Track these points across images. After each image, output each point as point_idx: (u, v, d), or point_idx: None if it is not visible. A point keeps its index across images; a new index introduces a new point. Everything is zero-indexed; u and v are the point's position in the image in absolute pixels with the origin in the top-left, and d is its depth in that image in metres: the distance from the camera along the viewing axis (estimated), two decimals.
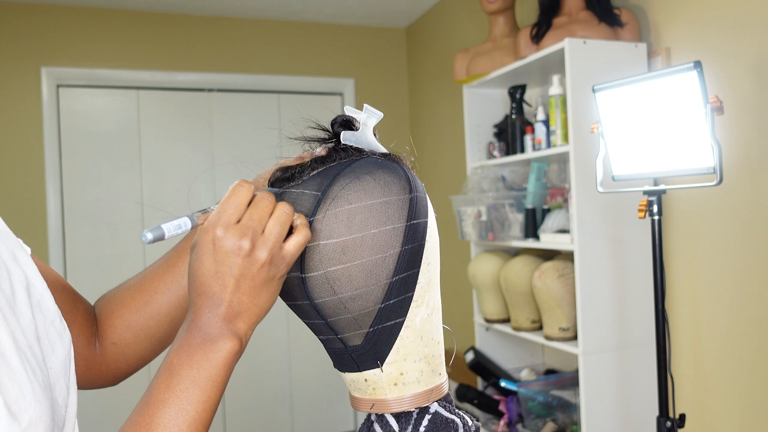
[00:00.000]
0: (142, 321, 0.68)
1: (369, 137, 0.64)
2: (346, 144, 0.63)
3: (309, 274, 0.58)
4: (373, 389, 0.62)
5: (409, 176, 0.62)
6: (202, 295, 0.53)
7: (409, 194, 0.60)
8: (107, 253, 3.18)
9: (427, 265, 0.61)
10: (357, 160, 0.62)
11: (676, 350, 1.84)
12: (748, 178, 1.63)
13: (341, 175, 0.59)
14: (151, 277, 0.70)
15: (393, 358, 0.60)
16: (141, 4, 3.16)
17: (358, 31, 3.64)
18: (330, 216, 0.57)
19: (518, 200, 2.19)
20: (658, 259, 1.42)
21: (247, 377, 3.40)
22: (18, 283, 0.51)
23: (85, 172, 3.17)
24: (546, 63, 2.00)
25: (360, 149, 0.63)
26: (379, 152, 0.65)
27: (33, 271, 0.55)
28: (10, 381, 0.45)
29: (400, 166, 0.63)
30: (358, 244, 0.57)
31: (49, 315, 0.55)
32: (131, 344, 0.69)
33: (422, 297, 0.61)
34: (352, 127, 0.64)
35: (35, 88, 3.06)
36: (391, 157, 0.65)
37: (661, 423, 1.39)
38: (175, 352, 0.53)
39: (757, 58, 1.59)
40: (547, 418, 2.07)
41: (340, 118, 0.64)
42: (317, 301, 0.59)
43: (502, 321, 2.28)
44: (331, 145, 0.64)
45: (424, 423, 0.61)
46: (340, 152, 0.62)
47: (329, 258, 0.57)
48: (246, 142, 3.44)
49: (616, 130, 1.43)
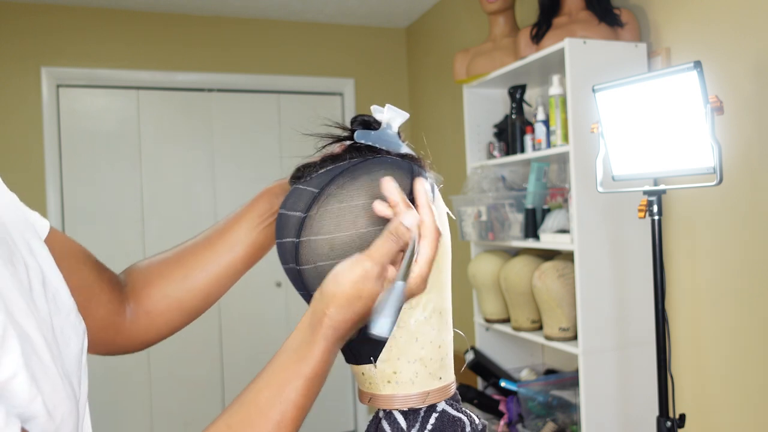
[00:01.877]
0: (178, 293, 0.72)
1: (390, 137, 0.65)
2: (360, 143, 0.64)
3: (302, 267, 0.61)
4: (369, 383, 0.63)
5: (414, 177, 0.62)
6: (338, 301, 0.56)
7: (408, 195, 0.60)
8: (107, 253, 3.16)
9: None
10: (368, 159, 0.62)
11: (676, 350, 1.84)
12: (748, 178, 1.63)
13: (342, 174, 0.61)
14: (191, 251, 0.74)
15: (386, 356, 0.61)
16: (141, 4, 3.16)
17: (358, 31, 3.64)
18: (321, 213, 0.59)
19: (518, 200, 2.19)
20: (658, 259, 1.42)
21: (247, 377, 3.40)
22: (35, 278, 0.51)
23: (85, 172, 3.17)
24: (546, 63, 2.00)
25: (375, 148, 0.64)
26: (397, 152, 0.65)
27: (48, 263, 0.56)
28: (45, 378, 0.46)
29: (412, 167, 0.63)
30: (346, 241, 0.58)
31: (64, 309, 0.55)
32: (164, 313, 0.72)
33: (417, 299, 0.61)
34: (370, 126, 0.65)
35: (35, 88, 3.06)
36: (408, 158, 0.65)
37: (661, 423, 1.39)
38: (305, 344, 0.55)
39: (757, 58, 1.59)
40: (547, 418, 2.07)
41: (360, 117, 0.65)
42: (313, 292, 0.61)
43: (502, 321, 2.28)
44: (348, 143, 0.65)
45: (432, 421, 0.62)
46: (353, 151, 0.64)
47: (318, 253, 0.59)
48: (246, 142, 3.43)
49: (616, 130, 1.43)
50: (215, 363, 3.36)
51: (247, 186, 3.41)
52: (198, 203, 3.36)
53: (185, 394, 3.29)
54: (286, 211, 0.63)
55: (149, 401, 3.22)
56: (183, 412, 3.28)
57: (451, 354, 0.66)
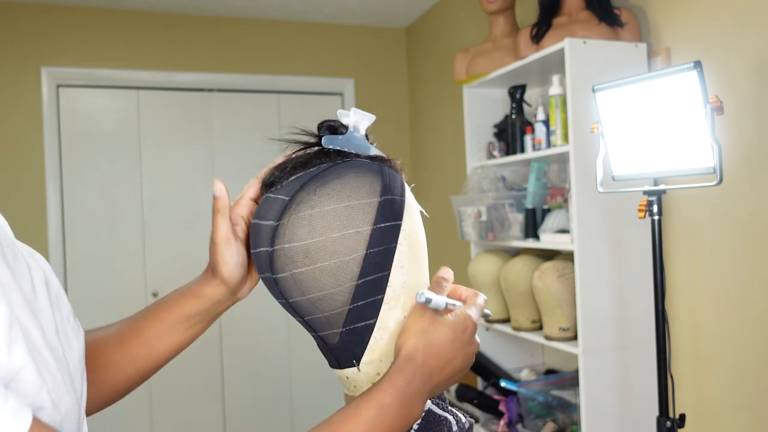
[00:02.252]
0: (95, 395, 0.68)
1: (358, 140, 0.64)
2: (329, 148, 0.63)
3: (278, 275, 0.60)
4: (354, 387, 0.63)
5: (385, 180, 0.62)
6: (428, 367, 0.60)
7: (379, 197, 0.60)
8: (107, 253, 3.18)
9: (400, 268, 0.61)
10: (337, 163, 0.62)
11: (676, 350, 1.84)
12: (748, 178, 1.63)
13: (312, 180, 0.61)
14: (101, 351, 0.69)
15: (368, 358, 0.61)
16: (141, 4, 3.16)
17: (358, 31, 3.64)
18: (294, 220, 0.59)
19: (518, 200, 2.19)
20: (658, 259, 1.42)
21: (247, 376, 3.40)
22: (38, 279, 0.52)
23: (85, 172, 3.17)
24: (546, 63, 2.00)
25: (344, 152, 0.64)
26: (368, 155, 0.65)
27: (49, 267, 0.56)
28: (47, 372, 0.46)
29: (382, 169, 0.63)
30: (320, 247, 0.58)
31: (65, 311, 0.56)
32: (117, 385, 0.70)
33: (396, 300, 0.61)
34: (337, 131, 0.64)
35: (35, 88, 3.06)
36: (378, 159, 0.65)
37: (661, 423, 1.39)
38: (390, 402, 0.57)
39: (757, 58, 1.59)
40: (547, 418, 2.07)
41: (326, 122, 0.65)
42: (290, 301, 0.61)
43: (502, 321, 2.28)
44: (317, 149, 0.65)
45: (417, 420, 0.62)
46: (322, 156, 0.63)
47: (293, 261, 0.59)
48: (246, 142, 3.43)
49: (616, 130, 1.43)
50: (215, 364, 3.36)
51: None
52: (198, 203, 3.35)
53: (185, 396, 3.29)
54: (259, 221, 0.62)
55: (149, 402, 3.22)
56: (183, 414, 3.28)
57: None
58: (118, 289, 3.16)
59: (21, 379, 0.43)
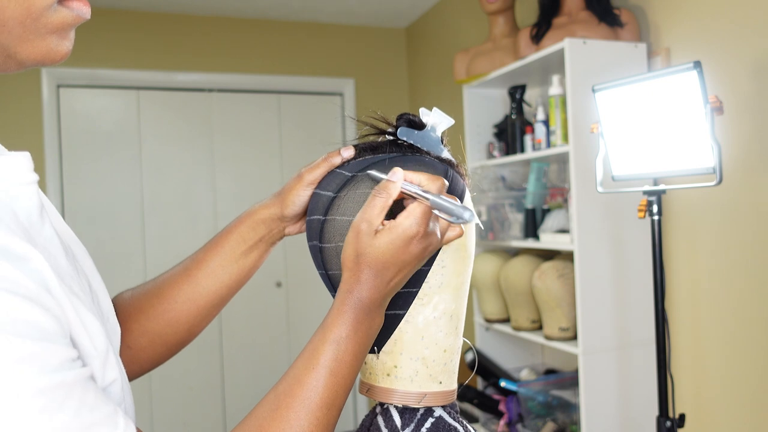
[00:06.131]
0: (159, 328, 0.70)
1: (432, 139, 0.66)
2: (402, 140, 0.65)
3: (324, 245, 0.62)
4: (369, 373, 0.64)
5: (447, 180, 0.62)
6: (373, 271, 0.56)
7: None
8: (107, 253, 3.18)
9: (442, 268, 0.61)
10: (406, 155, 0.64)
11: (676, 350, 1.84)
12: (748, 178, 1.63)
13: (377, 164, 0.63)
14: (170, 284, 0.71)
15: (389, 348, 0.62)
16: (141, 4, 3.16)
17: (358, 31, 3.64)
18: (350, 195, 0.62)
19: (518, 200, 2.19)
20: (658, 259, 1.42)
21: (247, 376, 3.40)
22: (86, 284, 0.55)
23: (85, 172, 3.17)
24: (546, 63, 2.00)
25: (415, 148, 0.65)
26: (438, 155, 0.66)
27: (98, 279, 0.59)
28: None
29: (447, 170, 0.63)
30: None
31: (105, 311, 0.57)
32: (146, 349, 0.70)
33: (429, 297, 0.61)
34: (415, 126, 0.66)
35: (35, 88, 3.06)
36: (447, 162, 0.65)
37: (661, 423, 1.39)
38: (341, 323, 0.56)
39: (757, 58, 1.59)
40: (547, 418, 2.07)
41: (406, 115, 0.67)
42: (329, 272, 0.63)
43: (502, 321, 2.28)
44: (390, 138, 0.66)
45: (427, 425, 0.62)
46: (393, 146, 0.65)
47: (341, 234, 0.61)
48: (246, 142, 3.43)
49: (616, 130, 1.43)
50: (215, 363, 3.36)
51: (247, 186, 3.42)
52: (198, 203, 3.36)
53: (184, 395, 3.29)
54: (319, 191, 0.65)
55: (149, 402, 3.22)
56: (183, 413, 3.28)
57: (456, 360, 0.65)
58: (119, 288, 3.14)
59: (112, 390, 0.48)
